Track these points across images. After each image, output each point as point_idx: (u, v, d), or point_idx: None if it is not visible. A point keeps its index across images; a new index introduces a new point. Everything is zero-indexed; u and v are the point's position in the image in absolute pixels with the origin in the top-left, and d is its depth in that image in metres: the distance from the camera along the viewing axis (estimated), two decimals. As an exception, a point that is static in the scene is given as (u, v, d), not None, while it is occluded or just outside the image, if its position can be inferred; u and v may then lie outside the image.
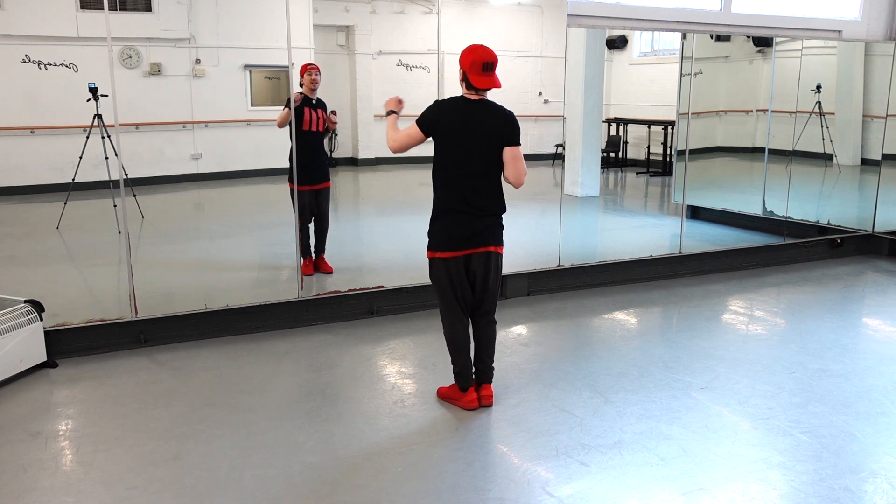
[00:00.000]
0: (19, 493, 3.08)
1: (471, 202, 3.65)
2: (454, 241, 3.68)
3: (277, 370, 4.44)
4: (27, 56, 9.85)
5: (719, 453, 3.40)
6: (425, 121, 3.65)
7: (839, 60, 8.20)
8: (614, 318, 5.51)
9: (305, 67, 5.89)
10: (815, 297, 6.00)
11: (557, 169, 12.36)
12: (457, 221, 3.67)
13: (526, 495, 3.06)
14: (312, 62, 6.03)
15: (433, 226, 3.75)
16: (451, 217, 3.67)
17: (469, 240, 3.68)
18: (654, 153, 12.16)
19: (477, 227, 3.68)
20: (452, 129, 3.60)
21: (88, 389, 4.17)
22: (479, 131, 3.61)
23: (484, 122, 3.62)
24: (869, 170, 7.97)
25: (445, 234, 3.69)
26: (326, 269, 6.12)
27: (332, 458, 3.37)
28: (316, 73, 5.88)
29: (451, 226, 3.68)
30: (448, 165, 3.64)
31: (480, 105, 3.64)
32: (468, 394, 3.84)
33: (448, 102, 3.69)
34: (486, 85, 3.59)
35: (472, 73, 3.57)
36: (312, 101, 5.85)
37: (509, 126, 3.65)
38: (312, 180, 5.89)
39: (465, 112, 3.62)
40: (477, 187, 3.65)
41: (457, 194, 3.65)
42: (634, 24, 6.98)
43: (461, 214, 3.66)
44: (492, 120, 3.64)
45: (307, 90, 5.82)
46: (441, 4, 5.62)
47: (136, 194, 7.88)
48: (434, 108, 3.68)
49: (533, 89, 13.69)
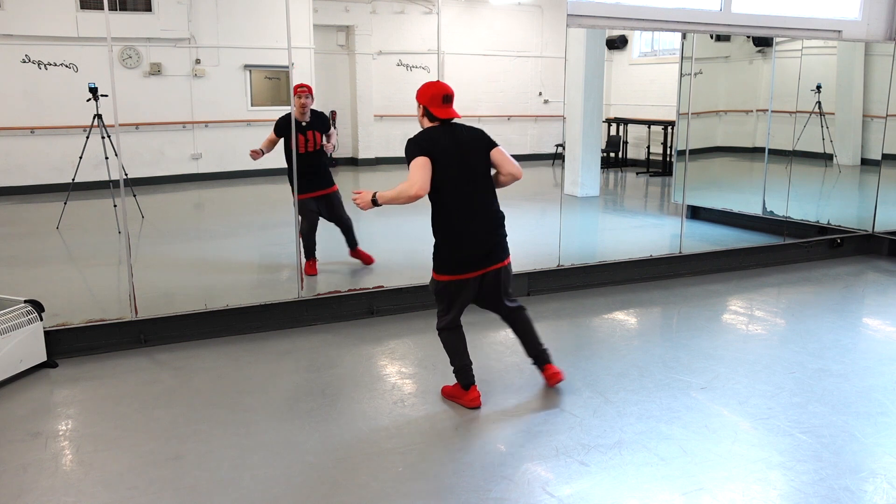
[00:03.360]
0: (19, 493, 3.08)
1: (481, 215, 3.77)
2: (470, 264, 3.76)
3: (277, 370, 4.45)
4: (27, 56, 9.85)
5: (719, 453, 3.40)
6: (421, 149, 3.66)
7: (839, 60, 8.20)
8: (614, 318, 5.51)
9: (295, 89, 5.78)
10: (815, 297, 6.00)
11: (557, 169, 12.36)
12: (471, 243, 3.75)
13: (526, 495, 3.06)
14: (304, 84, 5.86)
15: (443, 250, 3.79)
16: (465, 239, 3.74)
17: (484, 259, 3.78)
18: (654, 153, 12.16)
19: (490, 244, 3.78)
20: (445, 153, 3.68)
21: (88, 389, 4.17)
22: (466, 148, 3.75)
23: (464, 138, 3.77)
24: (869, 170, 7.97)
25: (461, 258, 3.76)
26: (367, 258, 6.22)
27: (332, 458, 3.37)
28: (305, 97, 5.78)
29: (466, 248, 3.75)
30: (451, 188, 3.70)
31: (453, 127, 3.79)
32: (471, 391, 3.86)
33: (426, 133, 3.76)
34: (447, 115, 3.77)
35: (434, 105, 3.76)
36: (303, 125, 5.78)
37: (483, 134, 3.85)
38: (313, 189, 5.91)
39: (446, 136, 3.73)
40: (484, 199, 3.79)
41: (464, 214, 3.73)
42: (634, 24, 6.98)
43: (475, 233, 3.74)
44: (469, 135, 3.80)
45: (297, 114, 5.72)
46: (441, 4, 5.61)
47: (136, 194, 7.89)
48: (418, 140, 3.71)
49: (533, 89, 13.69)
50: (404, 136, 3.86)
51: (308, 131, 5.84)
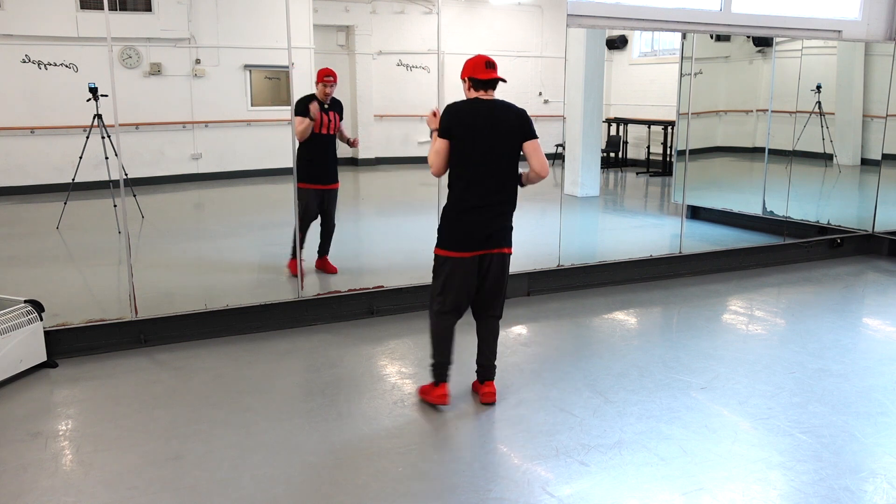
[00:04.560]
0: (19, 493, 3.08)
1: (492, 199, 3.70)
2: (470, 242, 3.71)
3: (277, 370, 4.44)
4: (27, 56, 9.85)
5: (719, 453, 3.40)
6: (445, 127, 3.66)
7: (839, 60, 8.20)
8: (614, 318, 5.51)
9: (321, 76, 5.79)
10: (815, 297, 6.00)
11: (557, 169, 12.35)
12: (475, 221, 3.70)
13: (526, 495, 3.06)
14: (331, 71, 5.84)
15: (447, 223, 3.75)
16: (470, 217, 3.69)
17: (484, 241, 3.73)
18: (654, 153, 12.16)
19: (493, 228, 3.73)
20: (474, 128, 3.64)
21: (88, 389, 4.17)
22: (499, 128, 3.68)
23: (502, 118, 3.69)
24: (869, 170, 7.97)
25: (461, 234, 3.71)
26: (331, 269, 6.12)
27: (332, 458, 3.37)
28: (331, 86, 5.79)
29: (468, 226, 3.70)
30: (472, 163, 3.66)
31: (495, 103, 3.72)
32: (440, 388, 3.83)
33: (464, 103, 3.73)
34: (489, 76, 3.69)
35: (477, 72, 3.68)
36: (325, 105, 5.80)
37: (525, 121, 3.75)
38: (322, 180, 5.88)
39: (483, 110, 3.68)
40: (500, 183, 3.72)
41: (479, 191, 3.68)
42: (634, 24, 6.98)
43: (480, 214, 3.69)
44: (508, 116, 3.72)
45: (320, 94, 5.76)
46: (441, 4, 5.61)
47: (136, 194, 7.88)
48: (451, 111, 3.69)
49: (533, 89, 13.66)
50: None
51: (330, 112, 5.83)
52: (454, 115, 3.67)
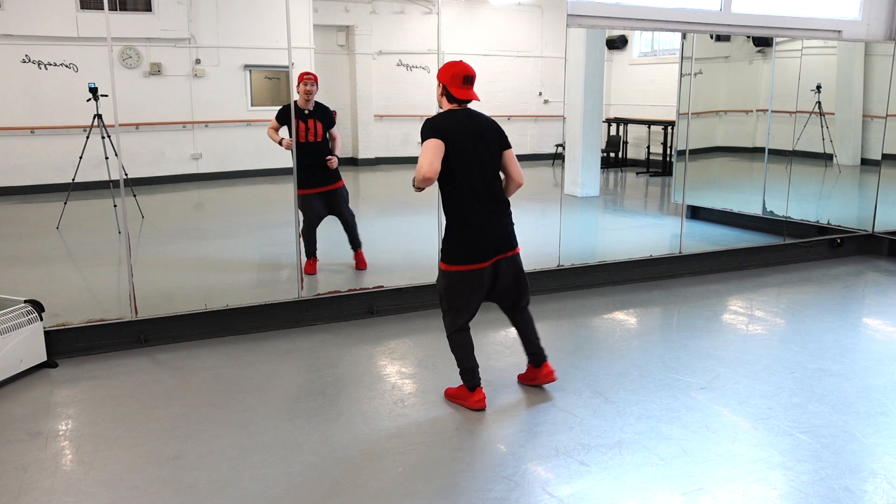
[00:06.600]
0: (19, 493, 3.08)
1: (491, 203, 3.73)
2: (483, 252, 3.72)
3: (277, 370, 4.45)
4: (27, 56, 9.86)
5: (719, 453, 3.40)
6: (436, 131, 3.61)
7: (839, 60, 8.20)
8: (614, 318, 5.51)
9: (301, 76, 5.79)
10: (815, 297, 6.00)
11: (557, 169, 12.36)
12: (482, 230, 3.71)
13: (526, 495, 3.06)
14: (310, 71, 5.87)
15: (454, 238, 3.74)
16: (476, 226, 3.70)
17: (498, 247, 3.76)
18: (654, 153, 12.16)
19: (501, 231, 3.76)
20: (459, 138, 3.64)
21: (88, 389, 4.17)
22: (483, 137, 3.71)
23: (482, 128, 3.73)
24: (869, 170, 7.97)
25: (472, 247, 3.71)
26: (361, 265, 6.16)
27: (332, 458, 3.37)
28: (311, 84, 5.75)
29: (477, 236, 3.70)
30: (464, 173, 3.65)
31: (471, 113, 3.75)
32: (476, 393, 3.84)
33: (442, 116, 3.71)
34: (466, 97, 3.71)
35: (454, 86, 3.69)
36: (305, 113, 5.74)
37: (501, 131, 3.82)
38: (318, 184, 5.88)
39: (463, 120, 3.69)
40: (491, 188, 3.75)
41: (476, 200, 3.69)
42: (634, 24, 6.97)
43: (485, 220, 3.70)
44: (487, 126, 3.77)
45: (301, 101, 5.73)
46: (441, 4, 5.61)
47: (136, 194, 7.89)
48: (434, 123, 3.66)
49: (533, 89, 13.68)
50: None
51: (310, 119, 5.76)
52: (441, 126, 3.62)
